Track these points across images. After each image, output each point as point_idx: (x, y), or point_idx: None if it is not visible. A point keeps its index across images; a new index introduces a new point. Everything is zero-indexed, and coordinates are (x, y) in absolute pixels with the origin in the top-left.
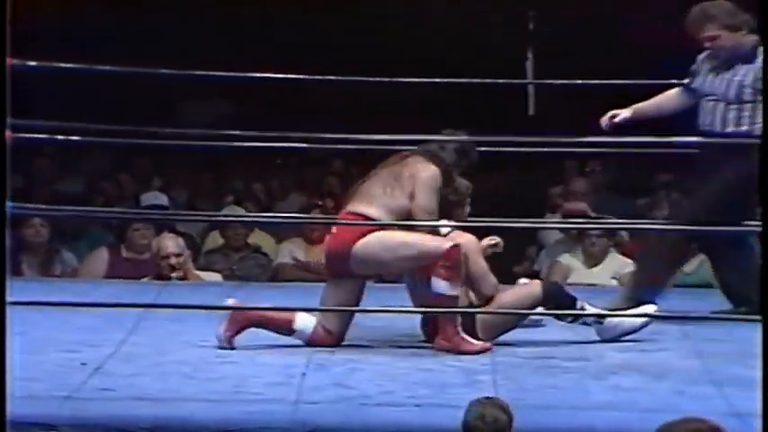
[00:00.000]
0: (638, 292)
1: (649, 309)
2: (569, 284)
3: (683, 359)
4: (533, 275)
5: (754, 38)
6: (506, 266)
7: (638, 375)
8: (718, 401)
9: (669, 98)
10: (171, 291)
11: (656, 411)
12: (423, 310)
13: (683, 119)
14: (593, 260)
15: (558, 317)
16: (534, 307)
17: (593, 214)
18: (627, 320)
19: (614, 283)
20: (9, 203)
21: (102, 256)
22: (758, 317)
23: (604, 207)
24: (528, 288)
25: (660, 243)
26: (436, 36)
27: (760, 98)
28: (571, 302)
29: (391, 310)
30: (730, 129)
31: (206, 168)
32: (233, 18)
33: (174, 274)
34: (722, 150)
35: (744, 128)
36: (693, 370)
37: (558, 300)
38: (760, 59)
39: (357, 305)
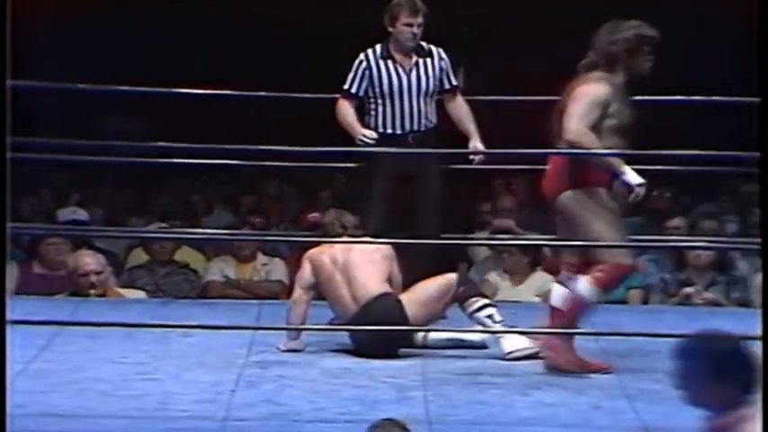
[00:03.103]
0: None
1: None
2: (496, 302)
3: (601, 375)
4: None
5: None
6: None
7: (559, 391)
8: (629, 415)
9: None
10: (88, 307)
11: (574, 426)
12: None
13: None
14: (517, 278)
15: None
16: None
17: (519, 231)
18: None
19: (537, 300)
20: None
21: (10, 273)
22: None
23: (528, 223)
24: (446, 278)
25: None
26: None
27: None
28: (481, 293)
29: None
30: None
31: (125, 185)
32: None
33: (92, 291)
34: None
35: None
36: (610, 385)
37: (470, 284)
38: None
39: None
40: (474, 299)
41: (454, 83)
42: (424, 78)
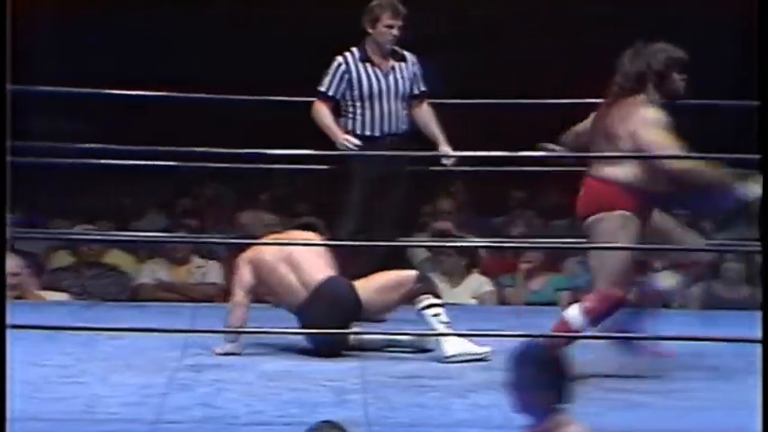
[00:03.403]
0: None
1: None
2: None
3: None
4: None
5: None
6: None
7: (494, 393)
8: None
9: None
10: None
11: (507, 428)
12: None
13: None
14: (454, 280)
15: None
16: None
17: (457, 233)
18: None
19: (473, 302)
20: None
21: None
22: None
23: (467, 225)
24: (404, 273)
25: None
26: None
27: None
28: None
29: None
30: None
31: (49, 186)
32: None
33: (9, 293)
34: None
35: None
36: None
37: (427, 282)
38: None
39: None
40: (425, 296)
41: (423, 89)
42: (401, 82)
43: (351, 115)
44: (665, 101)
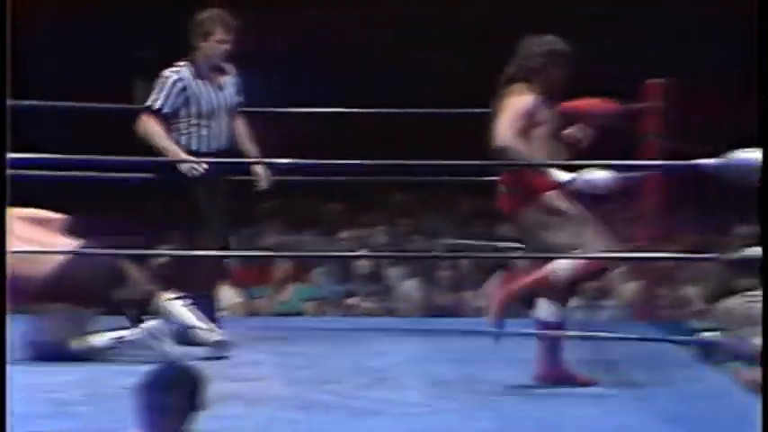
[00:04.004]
0: None
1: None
2: None
3: (278, 387)
4: None
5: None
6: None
7: (239, 403)
8: (304, 426)
9: None
10: None
11: None
12: None
13: None
14: None
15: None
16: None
17: None
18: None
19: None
20: None
21: None
22: None
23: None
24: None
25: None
26: None
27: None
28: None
29: None
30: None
31: None
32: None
33: None
34: None
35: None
36: (285, 397)
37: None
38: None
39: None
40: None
41: (241, 101)
42: (230, 97)
43: (185, 132)
44: (546, 94)
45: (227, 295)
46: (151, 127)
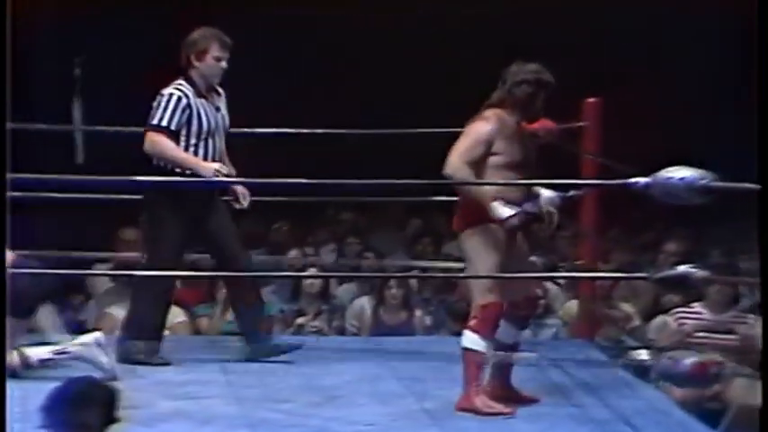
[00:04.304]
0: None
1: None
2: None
3: (226, 406)
4: (80, 326)
5: None
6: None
7: (186, 422)
8: None
9: None
10: None
11: None
12: None
13: None
14: None
15: None
16: None
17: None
18: None
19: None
20: None
21: None
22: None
23: None
24: None
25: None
26: None
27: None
28: None
29: None
30: None
31: None
32: None
33: None
34: None
35: None
36: (233, 415)
37: None
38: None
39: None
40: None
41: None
42: (225, 117)
43: (185, 150)
44: (523, 119)
45: (171, 314)
46: (162, 142)
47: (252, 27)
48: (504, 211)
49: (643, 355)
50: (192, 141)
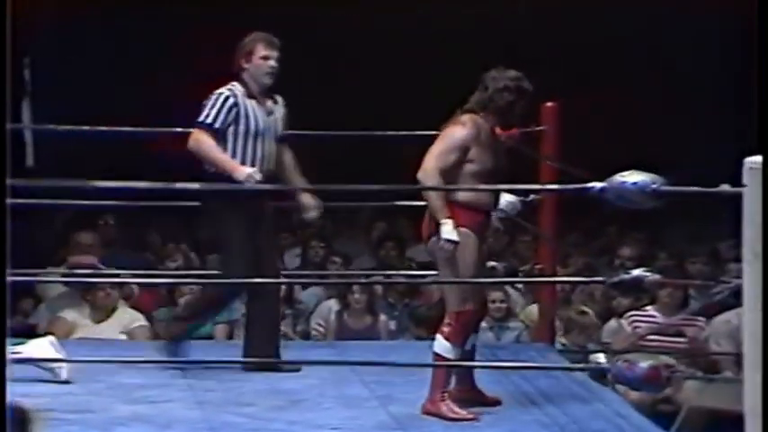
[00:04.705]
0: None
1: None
2: (77, 339)
3: (187, 410)
4: (30, 330)
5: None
6: None
7: (145, 426)
8: None
9: None
10: None
11: None
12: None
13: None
14: (100, 315)
15: None
16: None
17: (102, 267)
18: None
19: (123, 337)
20: None
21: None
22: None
23: (114, 260)
24: None
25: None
26: None
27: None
28: None
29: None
30: None
31: None
32: None
33: None
34: None
35: None
36: (195, 419)
37: None
38: None
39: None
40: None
41: (286, 132)
42: (278, 122)
43: (231, 150)
44: (500, 125)
45: (128, 319)
46: (205, 141)
47: (252, 27)
48: (450, 234)
49: (600, 358)
50: (239, 141)
